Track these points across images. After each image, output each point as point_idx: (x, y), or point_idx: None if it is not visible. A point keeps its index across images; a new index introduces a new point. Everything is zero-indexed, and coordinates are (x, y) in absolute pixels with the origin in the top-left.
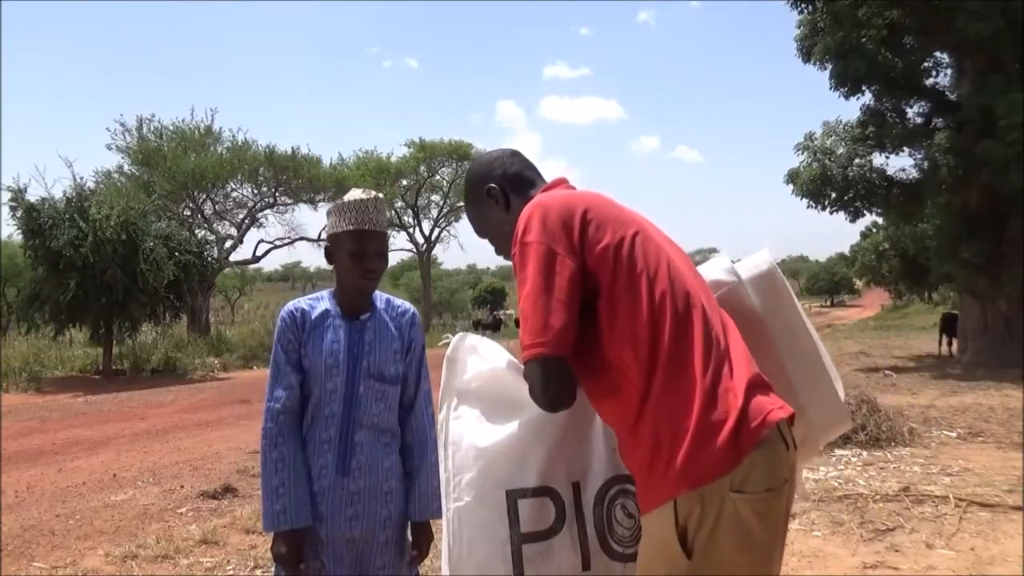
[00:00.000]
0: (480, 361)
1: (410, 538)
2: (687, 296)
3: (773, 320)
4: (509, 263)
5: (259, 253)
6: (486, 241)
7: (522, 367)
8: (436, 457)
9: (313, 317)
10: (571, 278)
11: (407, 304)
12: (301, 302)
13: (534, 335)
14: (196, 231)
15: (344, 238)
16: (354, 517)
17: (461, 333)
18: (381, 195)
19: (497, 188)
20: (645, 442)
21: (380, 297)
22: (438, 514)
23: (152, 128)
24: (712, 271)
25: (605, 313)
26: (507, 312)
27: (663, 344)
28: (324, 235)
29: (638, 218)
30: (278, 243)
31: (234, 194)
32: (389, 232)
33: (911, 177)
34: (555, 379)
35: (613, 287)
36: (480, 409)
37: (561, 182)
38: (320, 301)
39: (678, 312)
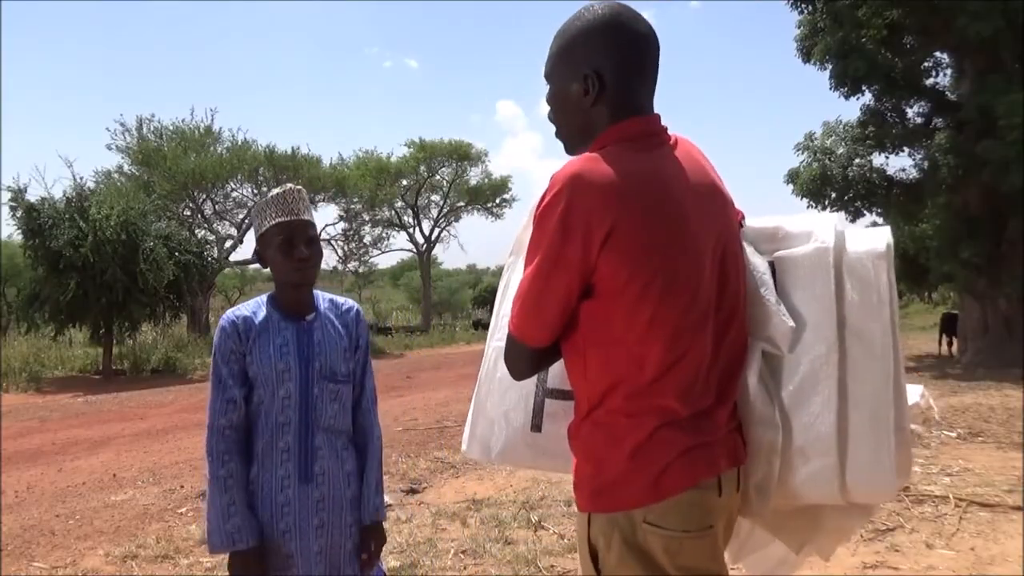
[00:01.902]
0: None
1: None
2: (690, 334)
3: (857, 320)
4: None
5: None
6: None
7: None
8: (380, 458)
9: (257, 323)
10: (567, 292)
11: (351, 301)
12: (241, 310)
13: (521, 319)
14: (196, 231)
15: (271, 233)
16: (320, 526)
17: None
18: (301, 187)
19: (597, 83)
20: (582, 443)
21: (323, 297)
22: (384, 515)
23: (152, 128)
24: (809, 223)
25: (593, 317)
26: None
27: (636, 378)
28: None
29: (683, 235)
30: None
31: (234, 194)
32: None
33: (911, 177)
34: (524, 363)
35: (610, 307)
36: None
37: (646, 128)
38: (261, 307)
39: (668, 352)
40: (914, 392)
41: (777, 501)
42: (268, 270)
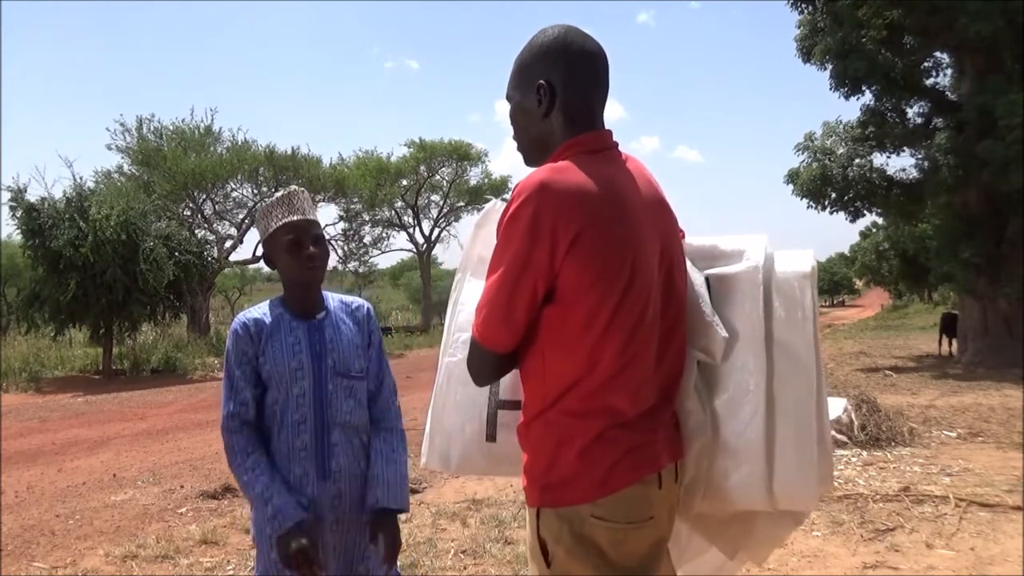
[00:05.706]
0: None
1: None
2: (642, 338)
3: (784, 335)
4: None
5: (259, 253)
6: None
7: None
8: (403, 447)
9: (268, 324)
10: (534, 295)
11: (360, 299)
12: (252, 312)
13: (488, 325)
14: (196, 231)
15: (278, 234)
16: (335, 522)
17: (497, 199)
18: (304, 189)
19: (548, 91)
20: (534, 441)
21: (332, 297)
22: (406, 506)
23: (152, 128)
24: (741, 243)
25: (553, 321)
26: None
27: (591, 379)
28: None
29: (639, 244)
30: None
31: (234, 194)
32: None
33: (911, 177)
34: (487, 368)
35: (571, 311)
36: None
37: (601, 142)
38: (272, 308)
39: (621, 355)
40: (837, 406)
41: (709, 505)
42: (275, 272)
